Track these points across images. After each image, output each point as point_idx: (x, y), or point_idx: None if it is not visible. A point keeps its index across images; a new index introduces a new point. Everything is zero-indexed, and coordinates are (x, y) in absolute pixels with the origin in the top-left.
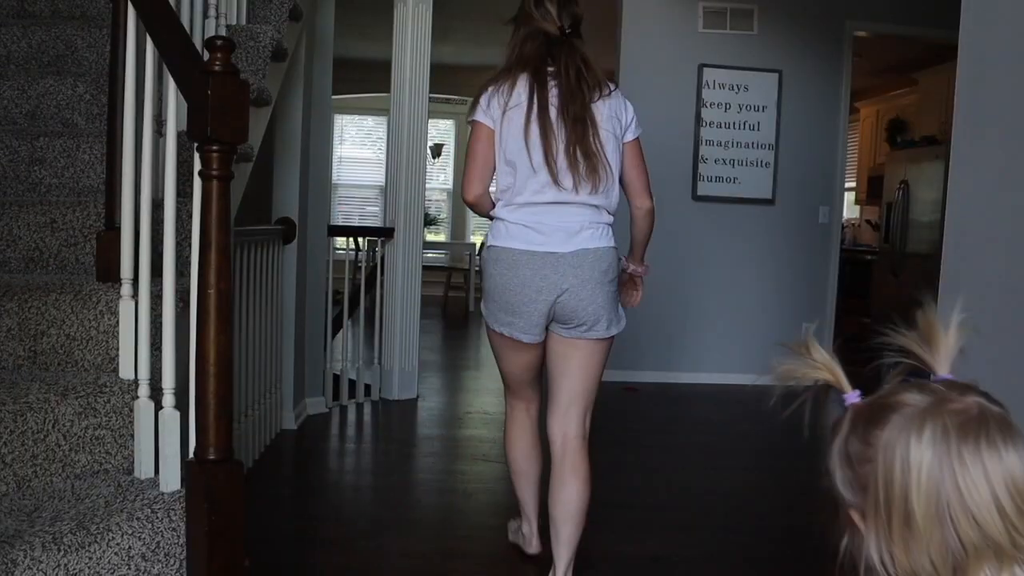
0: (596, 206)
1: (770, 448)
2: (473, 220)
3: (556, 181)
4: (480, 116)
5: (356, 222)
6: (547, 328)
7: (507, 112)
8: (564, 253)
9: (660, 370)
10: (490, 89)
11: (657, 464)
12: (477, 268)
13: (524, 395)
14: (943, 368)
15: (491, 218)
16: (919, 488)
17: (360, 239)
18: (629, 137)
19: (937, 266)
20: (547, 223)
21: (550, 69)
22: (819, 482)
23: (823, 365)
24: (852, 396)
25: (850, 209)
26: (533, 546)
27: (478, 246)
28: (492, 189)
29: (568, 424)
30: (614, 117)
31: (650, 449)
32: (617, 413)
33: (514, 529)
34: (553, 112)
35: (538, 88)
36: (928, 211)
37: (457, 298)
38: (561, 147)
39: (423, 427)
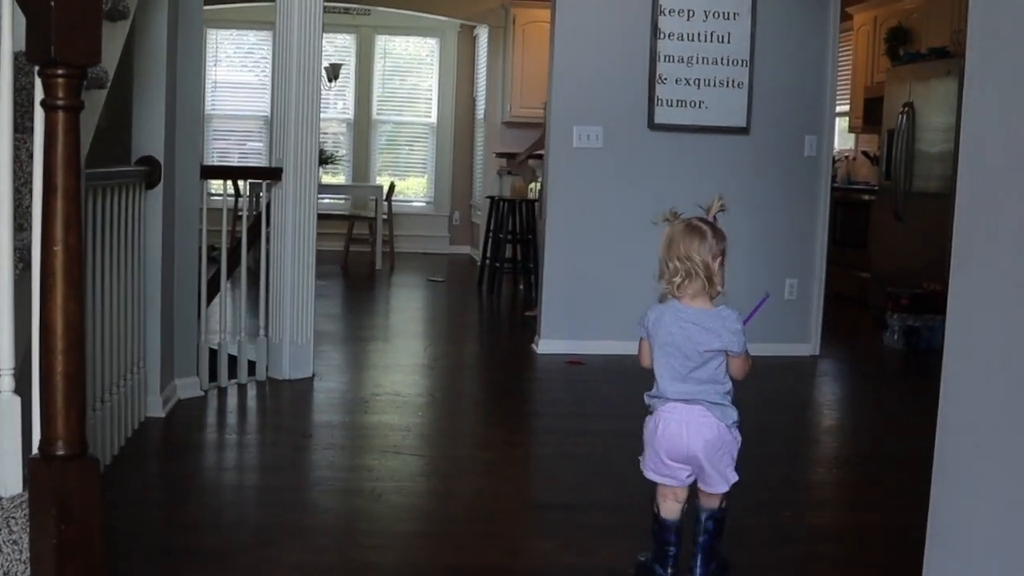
0: None
1: (744, 433)
2: (380, 158)
3: None
4: None
5: (235, 162)
6: None
7: None
8: None
9: (609, 339)
10: None
11: (607, 455)
12: (384, 216)
13: None
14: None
15: None
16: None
17: (240, 182)
18: None
19: (950, 208)
20: None
21: None
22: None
23: (672, 214)
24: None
25: (843, 139)
26: None
27: (385, 189)
28: None
29: None
30: None
31: (598, 436)
32: (558, 392)
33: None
34: None
35: None
36: (938, 140)
37: (361, 253)
38: None
39: (320, 413)
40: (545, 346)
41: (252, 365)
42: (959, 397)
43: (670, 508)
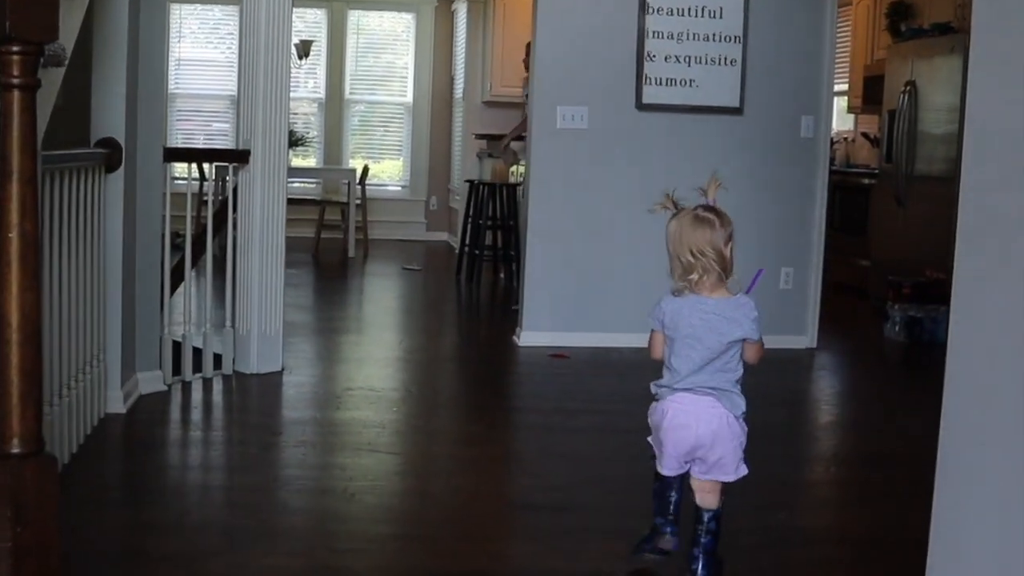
0: None
1: None
2: (353, 140)
3: None
4: None
5: (200, 144)
6: None
7: None
8: None
9: (595, 331)
10: None
11: (593, 453)
12: (357, 201)
13: None
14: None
15: None
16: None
17: (206, 165)
18: None
19: (954, 192)
20: None
21: None
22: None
23: (670, 201)
24: (671, 212)
25: (842, 119)
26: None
27: (358, 173)
28: None
29: None
30: None
31: (584, 434)
32: (542, 387)
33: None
34: None
35: None
36: (942, 121)
37: (333, 240)
38: None
39: (290, 409)
40: (527, 338)
41: (218, 358)
42: (964, 392)
43: (672, 468)
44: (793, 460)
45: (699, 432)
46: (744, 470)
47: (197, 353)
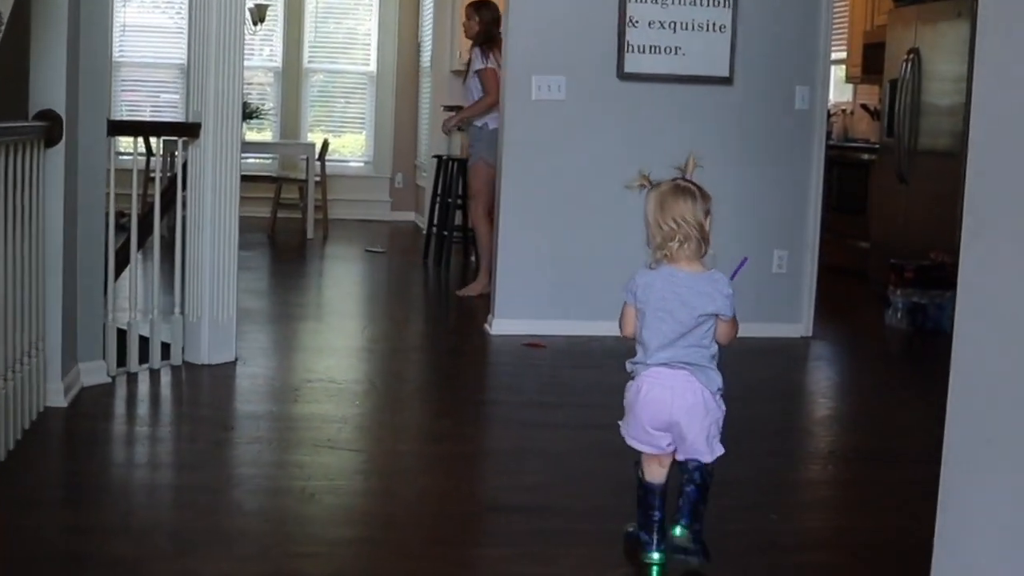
0: None
1: (726, 425)
2: (312, 112)
3: None
4: None
5: (147, 116)
6: None
7: None
8: None
9: (573, 318)
10: None
11: (571, 450)
12: (317, 178)
13: None
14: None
15: None
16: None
17: (153, 139)
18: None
19: (961, 168)
20: None
21: None
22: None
23: (645, 178)
24: (646, 188)
25: (839, 90)
26: None
27: (318, 148)
28: None
29: None
30: None
31: (561, 429)
32: (516, 379)
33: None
34: None
35: None
36: (948, 91)
37: (290, 220)
38: None
39: (244, 402)
40: (500, 326)
41: (166, 348)
42: (971, 384)
43: (654, 472)
44: (786, 457)
45: (673, 407)
46: (720, 449)
47: (144, 342)
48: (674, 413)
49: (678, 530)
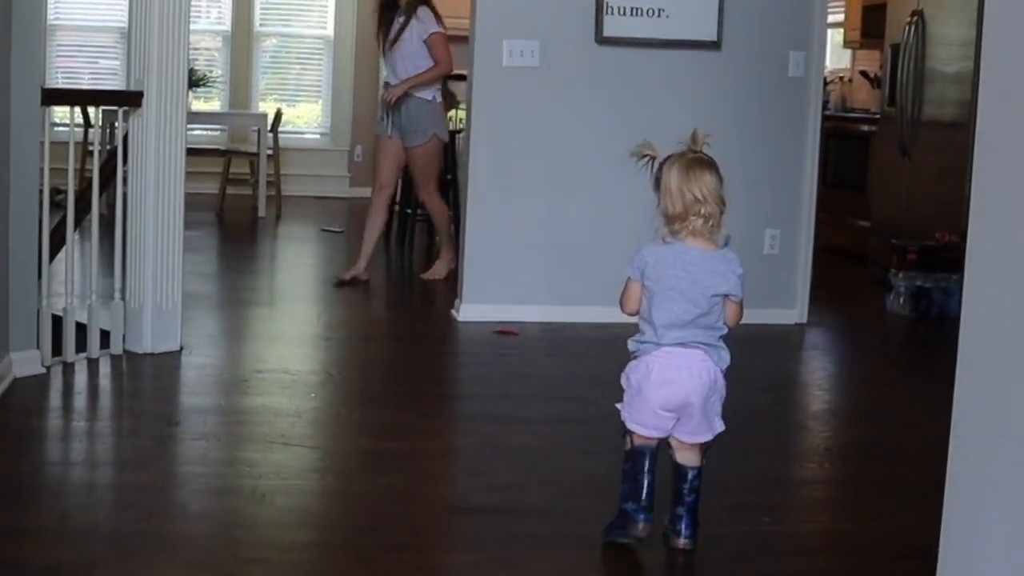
0: None
1: None
2: (264, 80)
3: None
4: None
5: (86, 84)
6: None
7: None
8: None
9: (548, 303)
10: None
11: (545, 447)
12: (269, 151)
13: None
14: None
15: None
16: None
17: (91, 109)
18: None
19: (969, 140)
20: None
21: None
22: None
23: (652, 148)
24: (660, 158)
25: (837, 55)
26: None
27: (270, 118)
28: None
29: None
30: None
31: (534, 424)
32: (485, 370)
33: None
34: None
35: None
36: (955, 57)
37: (240, 197)
38: None
39: (190, 395)
40: (468, 312)
41: (105, 336)
42: (980, 375)
43: (651, 427)
44: (779, 454)
45: (688, 388)
46: (720, 426)
47: (81, 329)
48: (690, 394)
49: (682, 542)
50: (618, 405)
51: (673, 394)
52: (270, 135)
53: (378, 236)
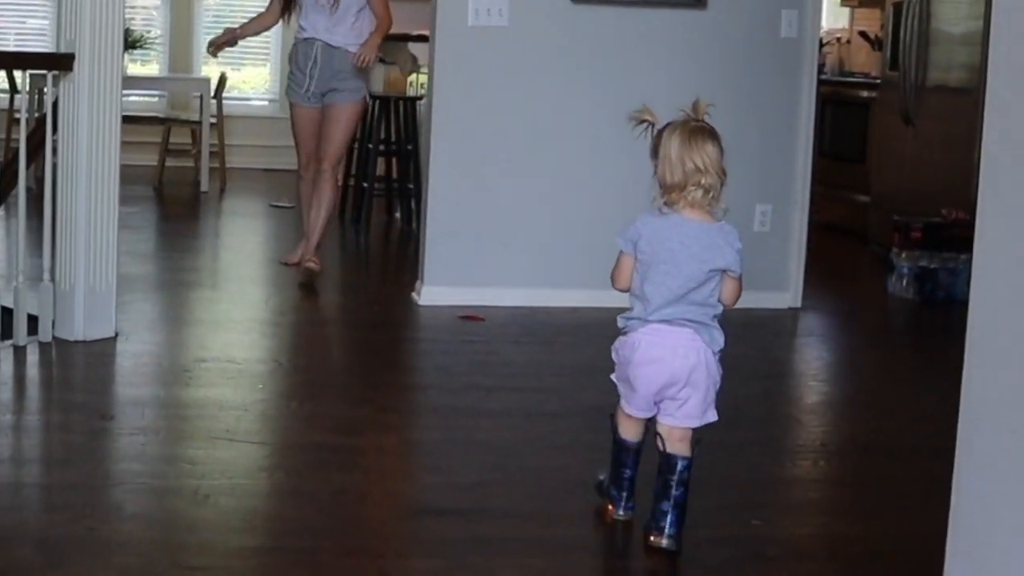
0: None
1: None
2: (206, 41)
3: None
4: None
5: (11, 46)
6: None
7: None
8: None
9: (517, 285)
10: None
11: (514, 443)
12: (213, 119)
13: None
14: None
15: None
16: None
17: (17, 73)
18: None
19: (978, 107)
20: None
21: None
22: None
23: (652, 113)
24: (660, 124)
25: (834, 15)
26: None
27: (213, 83)
28: None
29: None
30: None
31: (502, 417)
32: (448, 358)
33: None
34: None
35: None
36: (961, 17)
37: (181, 169)
38: None
39: (126, 386)
40: (430, 295)
41: (33, 321)
42: (990, 363)
43: (630, 430)
44: (771, 451)
45: (674, 367)
46: (712, 416)
47: (6, 314)
48: (675, 373)
49: (665, 542)
50: (613, 376)
51: (657, 373)
52: (213, 102)
53: (325, 215)
